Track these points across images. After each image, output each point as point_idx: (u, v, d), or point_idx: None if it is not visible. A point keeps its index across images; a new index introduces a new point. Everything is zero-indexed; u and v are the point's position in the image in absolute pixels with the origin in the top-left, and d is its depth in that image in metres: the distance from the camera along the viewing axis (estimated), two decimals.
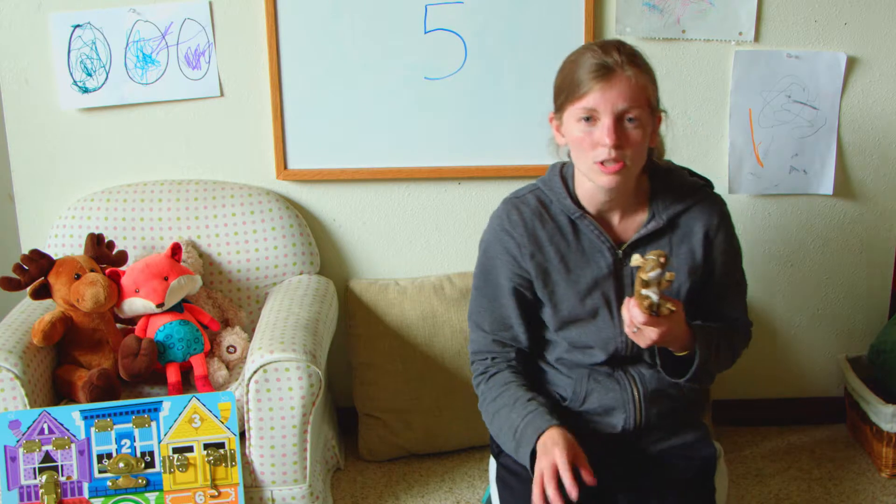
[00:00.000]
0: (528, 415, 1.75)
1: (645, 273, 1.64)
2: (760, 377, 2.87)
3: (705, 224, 1.85)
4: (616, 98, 1.69)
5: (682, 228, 1.85)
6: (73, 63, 2.60)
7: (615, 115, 1.69)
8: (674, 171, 1.89)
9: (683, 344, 1.77)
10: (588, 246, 1.83)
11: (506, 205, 1.89)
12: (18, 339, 2.25)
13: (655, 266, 1.63)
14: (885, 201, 2.74)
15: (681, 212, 1.84)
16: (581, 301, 1.83)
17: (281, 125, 2.63)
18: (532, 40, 2.58)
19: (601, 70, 1.69)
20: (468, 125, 2.64)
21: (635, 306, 1.67)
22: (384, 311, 2.68)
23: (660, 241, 1.83)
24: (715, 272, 1.87)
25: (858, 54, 2.62)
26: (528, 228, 1.84)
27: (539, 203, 1.86)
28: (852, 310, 2.84)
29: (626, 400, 1.85)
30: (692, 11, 2.57)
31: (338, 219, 2.74)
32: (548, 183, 1.88)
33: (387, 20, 2.56)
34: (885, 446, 2.59)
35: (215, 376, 2.37)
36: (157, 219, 2.59)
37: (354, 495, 2.57)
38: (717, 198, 1.90)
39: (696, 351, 1.78)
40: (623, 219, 1.85)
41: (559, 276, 1.83)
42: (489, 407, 1.85)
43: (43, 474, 2.17)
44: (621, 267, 1.83)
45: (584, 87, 1.70)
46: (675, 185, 1.86)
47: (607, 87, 1.69)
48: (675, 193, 1.85)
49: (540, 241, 1.83)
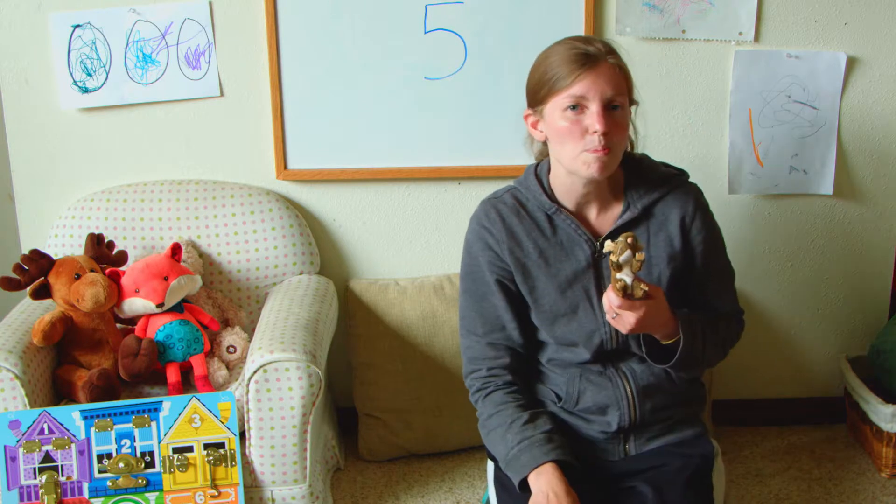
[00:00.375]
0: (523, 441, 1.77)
1: (616, 256, 1.66)
2: (760, 377, 2.87)
3: (680, 211, 1.86)
4: (605, 85, 1.71)
5: (657, 217, 1.86)
6: (73, 63, 2.60)
7: (603, 102, 1.72)
8: (646, 161, 1.91)
9: (668, 332, 1.78)
10: (566, 240, 1.84)
11: (483, 205, 1.92)
12: (18, 339, 2.25)
13: (625, 248, 1.65)
14: (885, 201, 2.74)
15: (655, 200, 1.85)
16: (562, 294, 1.84)
17: (281, 125, 2.63)
18: (532, 40, 2.58)
19: (586, 58, 1.72)
20: (468, 125, 2.64)
21: (611, 290, 1.69)
22: (384, 311, 2.68)
23: (636, 230, 1.84)
24: (696, 260, 1.87)
25: (858, 54, 2.62)
26: (505, 225, 1.86)
27: (516, 201, 1.89)
28: (852, 310, 2.84)
29: (619, 397, 1.85)
30: (692, 11, 2.57)
31: (338, 219, 2.74)
32: (523, 182, 1.90)
33: (387, 20, 2.56)
34: (885, 446, 2.59)
35: (215, 376, 2.37)
36: (157, 219, 2.59)
37: (354, 495, 2.57)
38: (691, 186, 1.91)
39: (681, 337, 1.78)
40: (600, 212, 1.86)
41: (538, 270, 1.84)
42: (486, 423, 1.87)
43: (43, 474, 2.17)
44: (600, 259, 1.84)
45: (570, 77, 1.72)
46: (649, 174, 1.87)
47: (594, 75, 1.71)
48: (649, 183, 1.86)
49: (518, 237, 1.85)
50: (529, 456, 1.74)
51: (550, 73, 1.75)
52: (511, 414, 1.82)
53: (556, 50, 1.77)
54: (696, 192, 1.90)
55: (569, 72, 1.72)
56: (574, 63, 1.72)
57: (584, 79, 1.71)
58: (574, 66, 1.72)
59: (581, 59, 1.72)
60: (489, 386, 1.88)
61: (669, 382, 1.88)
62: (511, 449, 1.78)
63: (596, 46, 1.74)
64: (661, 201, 1.86)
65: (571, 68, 1.72)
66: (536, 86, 1.80)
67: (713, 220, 1.92)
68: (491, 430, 1.84)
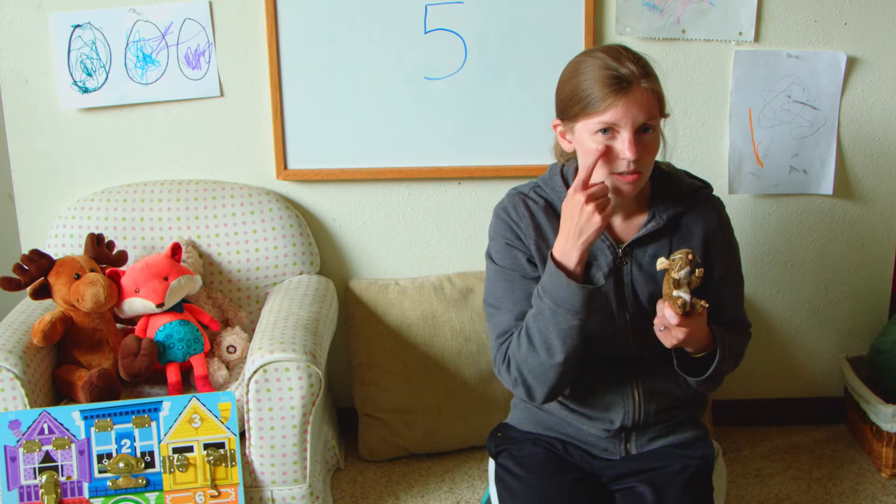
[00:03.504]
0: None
1: (675, 273, 1.63)
2: (760, 377, 2.87)
3: (705, 226, 1.86)
4: (637, 113, 1.69)
5: (682, 230, 1.85)
6: (73, 63, 2.60)
7: (635, 129, 1.70)
8: (673, 173, 1.90)
9: (702, 345, 1.78)
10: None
11: (512, 198, 1.90)
12: (18, 339, 2.25)
13: (685, 264, 1.63)
14: (884, 201, 2.74)
15: (681, 213, 1.85)
16: None
17: (281, 125, 2.63)
18: (532, 40, 2.58)
19: (618, 84, 1.68)
20: (468, 125, 2.64)
21: (668, 307, 1.67)
22: (384, 311, 2.68)
23: (660, 241, 1.84)
24: (715, 273, 1.87)
25: (858, 54, 2.62)
26: (534, 221, 1.85)
27: (544, 201, 1.87)
28: (852, 310, 2.84)
29: (625, 396, 1.85)
30: (692, 11, 2.57)
31: (338, 219, 2.74)
32: (549, 183, 1.89)
33: (387, 20, 2.56)
34: (885, 446, 2.59)
35: (215, 376, 2.37)
36: (157, 219, 2.59)
37: (354, 495, 2.57)
38: (716, 200, 1.91)
39: (717, 351, 1.78)
40: (624, 220, 1.86)
41: None
42: (526, 356, 1.76)
43: (43, 474, 2.17)
44: (621, 266, 1.83)
45: (602, 103, 1.69)
46: (675, 186, 1.87)
47: (627, 103, 1.68)
48: (675, 194, 1.86)
49: (545, 235, 1.84)
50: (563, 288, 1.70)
51: (582, 92, 1.72)
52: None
53: (589, 66, 1.73)
54: (720, 207, 1.91)
55: (601, 97, 1.69)
56: (607, 87, 1.69)
57: (615, 105, 1.68)
58: (607, 91, 1.68)
59: (614, 84, 1.68)
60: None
61: (677, 387, 1.88)
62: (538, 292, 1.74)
63: (629, 68, 1.69)
64: (686, 215, 1.86)
65: (604, 93, 1.69)
66: (567, 101, 1.77)
67: (734, 235, 1.93)
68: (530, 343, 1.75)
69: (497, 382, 2.69)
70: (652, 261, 1.82)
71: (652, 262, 1.82)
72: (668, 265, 1.65)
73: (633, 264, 1.83)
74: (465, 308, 2.67)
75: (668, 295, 1.67)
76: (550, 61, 2.59)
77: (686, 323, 1.68)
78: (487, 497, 2.01)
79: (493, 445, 1.98)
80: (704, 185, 1.91)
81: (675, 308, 1.65)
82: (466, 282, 2.70)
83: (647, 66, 1.74)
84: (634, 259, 1.83)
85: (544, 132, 2.64)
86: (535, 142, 2.64)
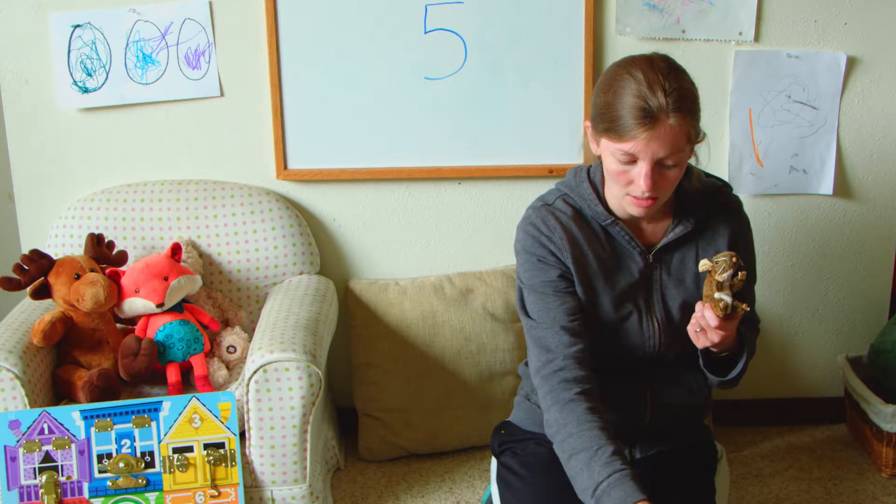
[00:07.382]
0: (614, 475, 1.64)
1: (718, 275, 1.63)
2: (760, 377, 2.87)
3: (728, 227, 1.85)
4: (658, 148, 1.66)
5: (707, 232, 1.85)
6: (73, 63, 2.60)
7: (653, 162, 1.67)
8: (694, 174, 1.87)
9: (728, 345, 1.77)
10: (621, 251, 1.82)
11: (538, 212, 1.83)
12: (18, 339, 2.25)
13: (728, 267, 1.62)
14: (884, 201, 2.74)
15: (706, 215, 1.84)
16: (615, 308, 1.81)
17: (281, 125, 2.63)
18: (532, 40, 2.58)
19: (645, 117, 1.64)
20: (468, 125, 2.64)
21: (709, 309, 1.66)
22: (384, 311, 2.68)
23: (687, 244, 1.83)
24: None
25: (858, 54, 2.62)
26: (567, 233, 1.80)
27: (571, 209, 1.83)
28: (852, 310, 2.84)
29: (636, 405, 1.85)
30: (692, 11, 2.57)
31: (338, 219, 2.74)
32: (575, 189, 1.84)
33: (387, 20, 2.56)
34: (885, 446, 2.59)
35: (215, 376, 2.37)
36: (157, 219, 2.59)
37: (354, 495, 2.57)
38: (736, 200, 1.90)
39: (744, 352, 1.78)
40: (650, 223, 1.84)
41: (598, 282, 1.80)
42: (565, 441, 1.71)
43: (43, 474, 2.17)
44: (650, 272, 1.82)
45: (625, 132, 1.66)
46: (698, 187, 1.85)
47: (649, 138, 1.65)
48: (698, 196, 1.84)
49: (580, 246, 1.80)
50: (622, 492, 1.62)
51: (612, 113, 1.69)
52: (595, 439, 1.67)
53: (624, 87, 1.68)
54: (740, 206, 1.90)
55: (626, 127, 1.66)
56: (634, 118, 1.65)
57: (638, 138, 1.65)
58: (633, 123, 1.65)
59: (641, 116, 1.64)
60: (567, 389, 1.74)
61: (689, 394, 1.88)
62: (600, 482, 1.64)
63: (659, 101, 1.64)
64: (711, 217, 1.85)
65: (631, 124, 1.65)
66: (599, 114, 1.73)
67: (752, 235, 1.92)
68: (572, 453, 1.69)
69: (497, 382, 2.69)
70: (680, 265, 1.82)
71: (680, 266, 1.82)
72: (710, 267, 1.64)
73: (663, 270, 1.82)
74: (465, 308, 2.67)
75: (709, 297, 1.65)
76: (550, 61, 2.59)
77: (724, 326, 1.67)
78: (488, 497, 2.01)
79: (497, 443, 1.98)
80: (724, 185, 1.90)
81: (717, 310, 1.64)
82: (466, 282, 2.70)
83: (682, 97, 1.67)
84: (664, 264, 1.82)
85: (544, 132, 2.66)
86: (535, 142, 2.64)
